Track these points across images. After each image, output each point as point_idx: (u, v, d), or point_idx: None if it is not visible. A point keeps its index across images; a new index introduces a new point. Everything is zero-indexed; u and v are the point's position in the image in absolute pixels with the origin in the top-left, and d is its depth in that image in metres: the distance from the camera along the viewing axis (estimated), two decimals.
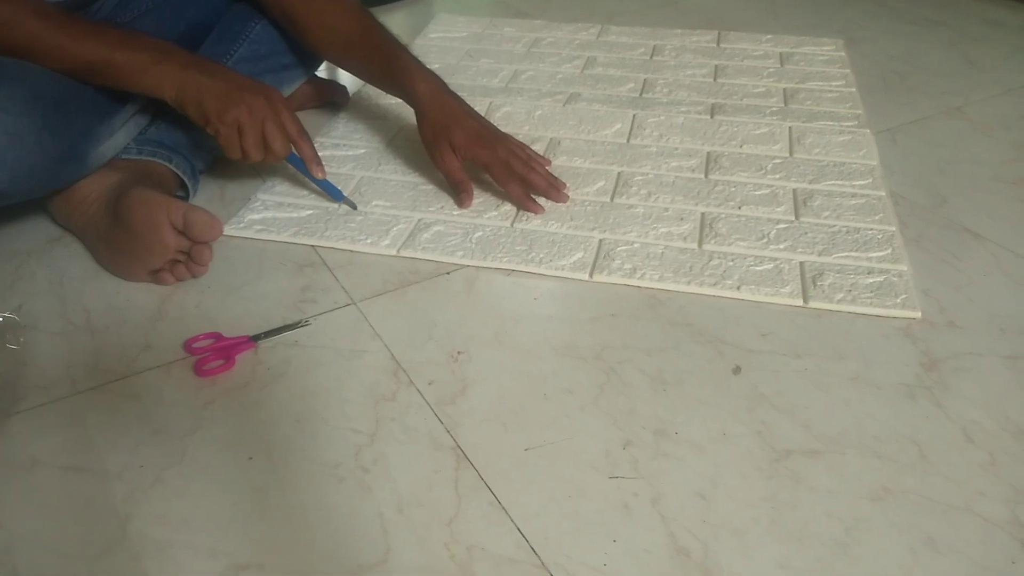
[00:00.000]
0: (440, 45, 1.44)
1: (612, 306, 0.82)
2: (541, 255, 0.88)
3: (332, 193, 0.96)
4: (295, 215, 0.95)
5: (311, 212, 0.95)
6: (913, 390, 0.71)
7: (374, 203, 0.97)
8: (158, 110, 0.94)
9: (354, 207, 0.96)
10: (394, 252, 0.89)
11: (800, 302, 0.81)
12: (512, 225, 0.93)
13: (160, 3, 1.00)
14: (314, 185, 0.97)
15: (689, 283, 0.83)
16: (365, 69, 1.03)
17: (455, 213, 0.95)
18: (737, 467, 0.64)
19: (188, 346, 0.75)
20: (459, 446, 0.66)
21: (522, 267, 0.86)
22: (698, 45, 1.43)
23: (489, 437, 0.67)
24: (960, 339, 0.78)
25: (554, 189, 0.96)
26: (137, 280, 0.84)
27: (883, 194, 0.98)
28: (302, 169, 0.94)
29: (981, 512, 0.60)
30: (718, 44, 1.43)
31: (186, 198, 0.96)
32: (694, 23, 1.55)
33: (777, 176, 1.02)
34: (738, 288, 0.83)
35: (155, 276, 0.84)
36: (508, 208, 0.96)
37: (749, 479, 0.63)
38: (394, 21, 1.59)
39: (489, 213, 0.95)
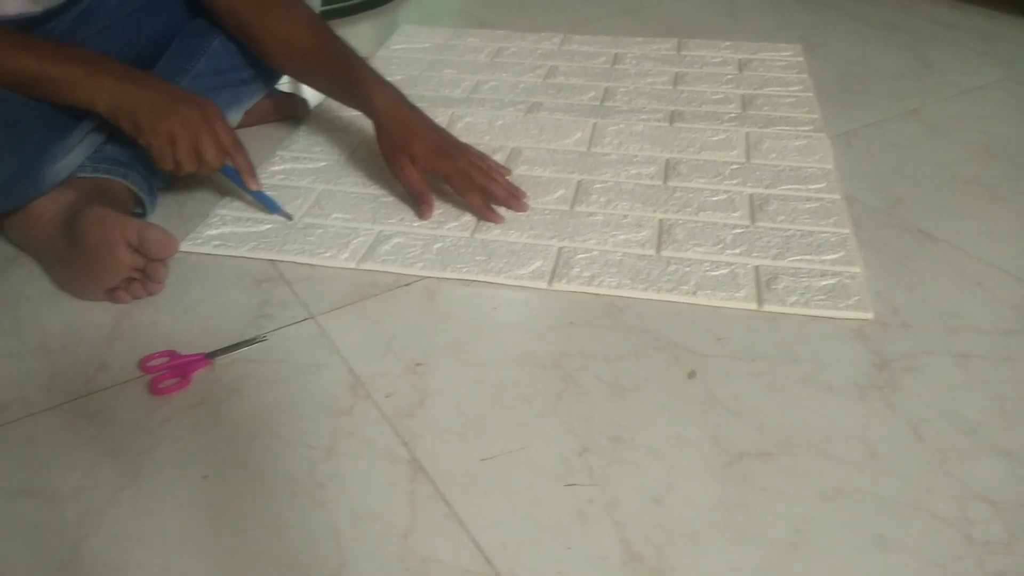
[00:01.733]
0: (403, 56, 1.45)
1: (571, 314, 0.82)
2: (500, 264, 0.88)
3: (267, 204, 0.96)
4: (254, 229, 0.95)
5: (270, 226, 0.95)
6: (864, 390, 0.72)
7: (334, 216, 0.97)
8: (114, 128, 0.93)
9: (289, 218, 0.96)
10: (353, 265, 0.89)
11: (755, 306, 0.82)
12: (472, 235, 0.93)
13: (116, 21, 1.00)
14: (249, 197, 0.97)
15: (647, 289, 0.84)
16: (323, 82, 1.03)
17: (415, 225, 0.95)
18: (691, 471, 0.65)
19: (143, 364, 0.75)
20: (416, 458, 0.66)
21: (482, 277, 0.87)
22: (659, 53, 1.44)
23: (446, 448, 0.67)
24: (912, 339, 0.79)
25: (514, 198, 0.97)
26: (93, 299, 0.84)
27: (838, 197, 1.00)
28: (236, 180, 0.94)
29: (930, 509, 0.61)
30: (678, 51, 1.45)
31: (143, 215, 0.96)
32: (655, 31, 1.56)
33: (734, 182, 1.03)
34: (694, 293, 0.83)
35: (111, 295, 0.83)
36: (468, 218, 0.96)
37: (703, 482, 0.64)
38: (358, 32, 1.59)
39: (449, 224, 0.95)
